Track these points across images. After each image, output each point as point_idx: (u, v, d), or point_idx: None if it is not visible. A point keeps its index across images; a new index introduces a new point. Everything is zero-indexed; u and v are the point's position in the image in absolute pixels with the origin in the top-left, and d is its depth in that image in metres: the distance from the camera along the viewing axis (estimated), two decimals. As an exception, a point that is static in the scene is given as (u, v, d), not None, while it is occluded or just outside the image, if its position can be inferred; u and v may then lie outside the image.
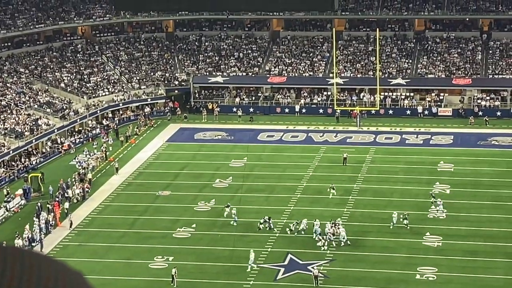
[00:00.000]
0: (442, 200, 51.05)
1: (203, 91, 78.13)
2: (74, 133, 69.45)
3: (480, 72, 77.81)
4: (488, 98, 73.54)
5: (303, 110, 74.42)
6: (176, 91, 78.52)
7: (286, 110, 74.87)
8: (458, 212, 50.30)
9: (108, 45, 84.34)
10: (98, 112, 73.04)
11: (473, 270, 42.57)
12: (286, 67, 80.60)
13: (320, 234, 46.18)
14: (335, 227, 46.59)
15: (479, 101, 73.36)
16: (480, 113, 71.72)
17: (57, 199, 52.79)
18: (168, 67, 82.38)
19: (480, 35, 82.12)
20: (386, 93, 74.84)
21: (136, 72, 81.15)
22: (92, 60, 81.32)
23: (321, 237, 45.89)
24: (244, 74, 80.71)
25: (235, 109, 74.55)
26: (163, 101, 77.25)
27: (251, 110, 74.69)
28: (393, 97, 74.82)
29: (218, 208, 51.61)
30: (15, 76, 75.02)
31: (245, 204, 51.61)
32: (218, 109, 74.40)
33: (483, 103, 73.18)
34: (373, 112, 71.68)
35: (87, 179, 57.31)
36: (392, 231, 47.34)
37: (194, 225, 49.21)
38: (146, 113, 74.55)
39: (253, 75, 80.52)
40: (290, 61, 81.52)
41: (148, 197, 54.67)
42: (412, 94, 75.11)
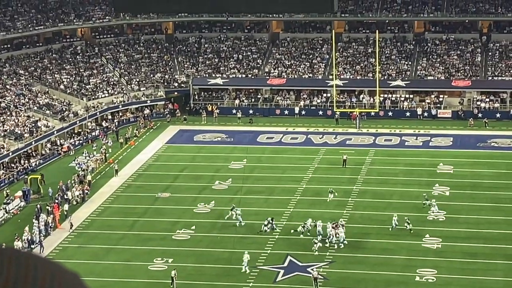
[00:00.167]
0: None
1: (203, 93, 78.08)
2: (74, 135, 69.45)
3: (480, 74, 77.78)
4: (488, 100, 73.53)
5: (303, 112, 74.40)
6: (176, 93, 78.49)
7: (286, 112, 74.84)
8: (458, 214, 50.26)
9: (108, 47, 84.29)
10: (98, 114, 73.08)
11: (473, 272, 42.56)
12: (286, 69, 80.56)
13: (322, 236, 46.12)
14: (336, 228, 46.53)
15: (479, 103, 73.36)
16: (480, 115, 71.66)
17: (57, 201, 52.74)
18: (168, 69, 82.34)
19: (480, 37, 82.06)
20: (386, 95, 74.82)
21: (136, 74, 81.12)
22: (92, 62, 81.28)
23: (317, 240, 45.68)
24: (244, 76, 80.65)
25: (235, 111, 74.56)
26: (163, 103, 77.25)
27: (251, 112, 74.67)
28: (393, 99, 74.81)
29: (218, 210, 51.63)
30: (15, 78, 74.98)
31: (245, 206, 51.48)
32: (218, 111, 74.35)
33: (483, 105, 73.16)
34: (373, 114, 71.66)
35: (87, 181, 57.30)
36: (392, 233, 47.32)
37: (194, 227, 49.20)
38: (146, 115, 74.51)
39: (253, 77, 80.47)
40: (290, 63, 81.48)
41: (148, 199, 54.63)
42: (412, 96, 75.10)
